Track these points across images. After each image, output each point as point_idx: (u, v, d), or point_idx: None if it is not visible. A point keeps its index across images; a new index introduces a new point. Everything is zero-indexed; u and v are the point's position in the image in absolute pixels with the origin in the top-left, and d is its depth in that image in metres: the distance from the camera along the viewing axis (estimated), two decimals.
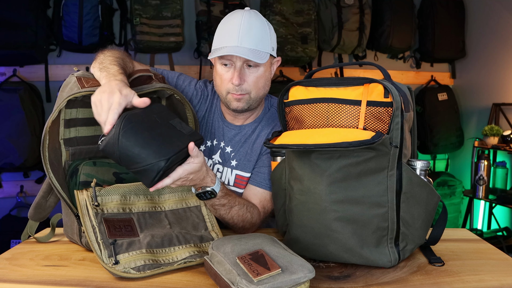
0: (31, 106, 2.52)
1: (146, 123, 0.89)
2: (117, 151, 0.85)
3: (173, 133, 0.93)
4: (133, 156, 0.85)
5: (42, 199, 1.10)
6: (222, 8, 2.71)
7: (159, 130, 0.90)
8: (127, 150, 0.85)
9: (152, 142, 0.87)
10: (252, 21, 1.17)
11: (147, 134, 0.87)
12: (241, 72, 1.17)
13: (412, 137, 1.04)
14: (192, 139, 0.95)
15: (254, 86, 1.20)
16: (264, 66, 1.20)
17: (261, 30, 1.18)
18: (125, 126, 0.86)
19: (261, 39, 1.17)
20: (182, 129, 0.96)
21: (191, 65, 2.95)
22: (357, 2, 2.95)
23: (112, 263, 0.89)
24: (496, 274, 0.93)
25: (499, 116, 3.07)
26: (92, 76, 1.06)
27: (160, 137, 0.89)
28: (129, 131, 0.86)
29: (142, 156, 0.85)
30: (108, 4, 2.64)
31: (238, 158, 1.30)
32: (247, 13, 1.19)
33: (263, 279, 0.77)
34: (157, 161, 0.86)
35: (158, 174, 0.87)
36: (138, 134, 0.86)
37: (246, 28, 1.16)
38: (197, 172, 0.98)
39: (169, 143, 0.90)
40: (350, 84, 0.96)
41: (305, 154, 0.95)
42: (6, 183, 2.72)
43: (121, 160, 0.86)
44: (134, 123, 0.87)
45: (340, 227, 0.93)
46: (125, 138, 0.85)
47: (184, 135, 0.95)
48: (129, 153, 0.85)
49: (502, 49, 3.09)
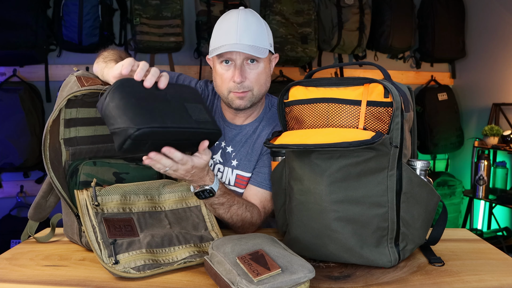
0: (31, 106, 2.52)
1: (140, 93, 0.88)
2: (100, 108, 0.87)
3: (174, 112, 0.90)
4: (110, 117, 0.85)
5: (42, 199, 1.10)
6: (222, 8, 2.70)
7: (154, 103, 0.88)
8: (107, 109, 0.86)
9: (133, 109, 0.84)
10: (249, 18, 1.18)
11: (133, 101, 0.85)
12: (242, 69, 1.18)
13: (412, 137, 1.04)
14: (202, 127, 0.93)
15: (256, 83, 1.20)
16: (264, 62, 1.21)
17: (258, 27, 1.19)
18: (115, 87, 0.86)
19: (259, 35, 1.18)
20: (194, 115, 0.93)
21: (191, 65, 2.95)
22: (357, 2, 2.95)
23: (112, 263, 0.89)
24: (496, 274, 0.93)
25: (499, 116, 3.07)
26: (92, 76, 1.06)
27: (147, 108, 0.86)
28: (116, 92, 0.85)
29: (117, 119, 0.85)
30: (108, 4, 2.64)
31: (239, 158, 1.30)
32: (243, 11, 1.20)
33: (263, 279, 0.77)
34: (127, 127, 0.83)
35: (126, 142, 0.84)
36: (123, 99, 0.85)
37: (243, 25, 1.16)
38: (200, 169, 0.98)
39: (153, 116, 0.86)
40: (350, 84, 0.96)
41: (305, 154, 0.95)
42: (6, 183, 2.72)
43: (102, 117, 0.87)
44: (124, 87, 0.86)
45: (340, 227, 0.93)
46: (110, 98, 0.85)
47: (190, 119, 0.91)
48: (107, 112, 0.86)
49: (502, 49, 3.09)
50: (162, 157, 0.89)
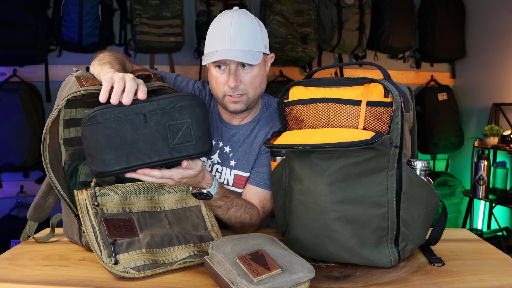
0: (31, 106, 2.52)
1: (112, 125, 0.85)
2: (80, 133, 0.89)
3: (148, 143, 0.87)
4: (84, 147, 0.88)
5: (41, 199, 1.10)
6: (222, 8, 2.70)
7: (126, 136, 0.86)
8: (81, 140, 0.88)
9: (99, 150, 0.85)
10: (242, 21, 1.17)
11: (100, 139, 0.84)
12: (236, 74, 1.17)
13: (412, 137, 1.04)
14: (177, 156, 0.89)
15: (251, 86, 1.20)
16: (258, 66, 1.20)
17: (252, 30, 1.18)
18: (86, 124, 0.85)
19: (253, 39, 1.17)
20: (174, 139, 0.89)
21: (191, 65, 2.95)
22: (357, 2, 2.95)
23: (112, 263, 0.89)
24: (496, 274, 0.93)
25: (499, 116, 3.07)
26: (92, 76, 1.06)
27: (113, 147, 0.85)
28: (86, 129, 0.85)
29: (87, 158, 0.87)
30: (108, 4, 2.64)
31: (237, 158, 1.30)
32: (236, 13, 1.18)
33: (263, 279, 0.77)
34: (90, 168, 0.87)
35: (97, 177, 0.89)
36: (92, 138, 0.85)
37: (236, 29, 1.15)
38: (192, 178, 0.98)
39: (119, 156, 0.85)
40: (350, 84, 0.96)
41: (305, 154, 0.95)
42: (6, 183, 2.72)
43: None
44: (97, 124, 0.85)
45: (340, 227, 0.93)
46: (82, 132, 0.87)
47: (164, 149, 0.88)
48: (82, 142, 0.88)
49: (502, 49, 3.09)
50: (140, 175, 0.90)
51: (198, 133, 0.92)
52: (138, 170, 0.88)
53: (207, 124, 0.94)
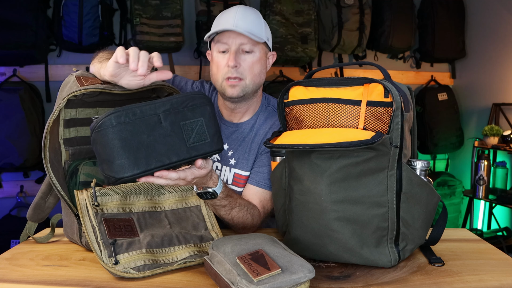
0: (31, 106, 2.52)
1: (127, 128, 0.83)
2: (90, 140, 0.86)
3: (165, 144, 0.86)
4: (96, 156, 0.85)
5: (41, 200, 1.10)
6: (222, 8, 2.70)
7: (142, 137, 0.84)
8: (94, 147, 0.85)
9: (116, 154, 0.82)
10: (247, 11, 1.22)
11: (116, 143, 0.82)
12: (236, 54, 1.20)
13: (412, 137, 1.04)
14: (195, 154, 0.89)
15: (250, 71, 1.21)
16: (259, 53, 1.23)
17: (256, 19, 1.23)
18: (101, 127, 0.82)
19: (256, 26, 1.21)
20: (190, 138, 0.89)
21: (191, 65, 2.95)
22: (357, 2, 2.95)
23: (112, 263, 0.89)
24: (496, 274, 0.93)
25: (499, 116, 3.07)
26: (92, 75, 1.06)
27: (131, 150, 0.82)
28: (100, 133, 0.82)
29: (102, 164, 0.84)
30: (108, 4, 2.64)
31: (237, 156, 1.30)
32: (241, 6, 1.24)
33: (263, 279, 0.77)
34: (108, 175, 0.84)
35: (112, 183, 0.87)
36: (107, 144, 0.82)
37: (241, 15, 1.20)
38: (201, 178, 0.98)
39: (137, 159, 0.83)
40: (350, 84, 0.96)
41: (305, 154, 0.95)
42: (6, 183, 2.72)
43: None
44: (111, 126, 0.82)
45: (340, 227, 0.93)
46: (95, 137, 0.83)
47: (182, 148, 0.88)
48: (94, 149, 0.85)
49: (502, 49, 3.09)
50: (156, 179, 0.88)
51: (211, 131, 0.92)
52: (155, 172, 0.86)
53: (217, 121, 0.95)
